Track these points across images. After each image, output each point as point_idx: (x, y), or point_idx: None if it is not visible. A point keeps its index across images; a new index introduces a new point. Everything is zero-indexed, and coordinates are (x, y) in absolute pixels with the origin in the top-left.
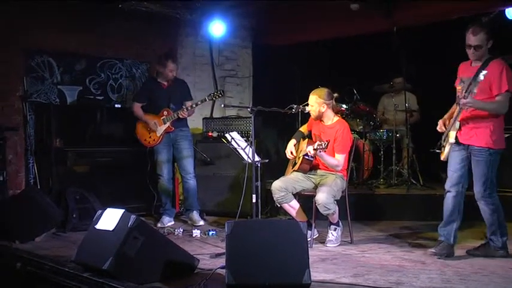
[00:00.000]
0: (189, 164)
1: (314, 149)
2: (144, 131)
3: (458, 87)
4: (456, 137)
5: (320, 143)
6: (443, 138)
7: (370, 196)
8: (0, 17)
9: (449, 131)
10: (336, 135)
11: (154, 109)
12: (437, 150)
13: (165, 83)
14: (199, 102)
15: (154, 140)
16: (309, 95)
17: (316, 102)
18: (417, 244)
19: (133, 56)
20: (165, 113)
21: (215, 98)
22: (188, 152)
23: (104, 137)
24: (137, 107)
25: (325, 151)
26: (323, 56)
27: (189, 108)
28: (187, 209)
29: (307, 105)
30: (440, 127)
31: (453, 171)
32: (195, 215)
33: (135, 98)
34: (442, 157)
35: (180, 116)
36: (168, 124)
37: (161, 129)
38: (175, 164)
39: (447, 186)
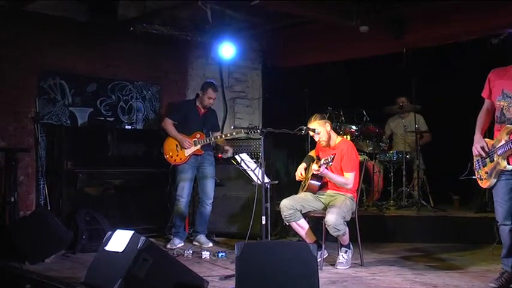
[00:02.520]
0: (211, 189)
1: (319, 166)
2: (173, 148)
3: (502, 103)
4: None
5: (326, 158)
6: (479, 163)
7: (381, 218)
8: (13, 39)
9: (492, 155)
10: (342, 154)
11: (187, 130)
12: (474, 177)
13: (202, 109)
14: (234, 133)
15: (181, 158)
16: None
17: (320, 125)
18: (428, 267)
19: (144, 78)
20: (198, 135)
21: (251, 133)
22: (212, 176)
23: (114, 159)
24: (170, 124)
25: (331, 166)
26: (333, 77)
27: (223, 137)
28: (195, 231)
29: (314, 131)
30: (478, 150)
31: (503, 203)
32: (203, 238)
33: (170, 114)
34: (486, 185)
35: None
36: (198, 147)
37: (191, 150)
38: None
39: (499, 219)
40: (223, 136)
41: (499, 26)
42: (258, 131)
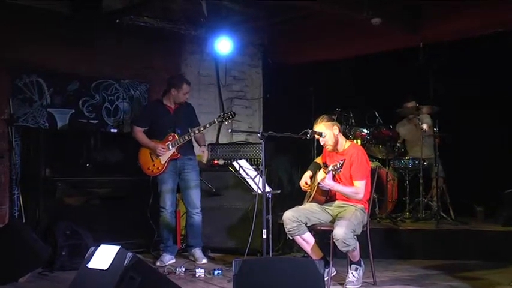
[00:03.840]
0: (196, 198)
1: (326, 173)
2: (147, 158)
3: None
4: None
5: (334, 164)
6: None
7: (395, 231)
8: None
9: None
10: (351, 160)
11: (159, 134)
12: None
13: (172, 107)
14: (207, 125)
15: (158, 168)
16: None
17: (327, 128)
18: (449, 287)
19: (132, 75)
20: (171, 138)
21: (225, 120)
22: (196, 183)
23: (98, 166)
24: (139, 132)
25: (339, 174)
26: (341, 75)
27: (196, 132)
28: (189, 245)
29: (320, 134)
30: None
31: None
32: (198, 252)
33: (136, 121)
34: None
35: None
36: (173, 150)
37: (166, 155)
38: (178, 196)
39: None
40: (196, 131)
41: None
42: (258, 134)
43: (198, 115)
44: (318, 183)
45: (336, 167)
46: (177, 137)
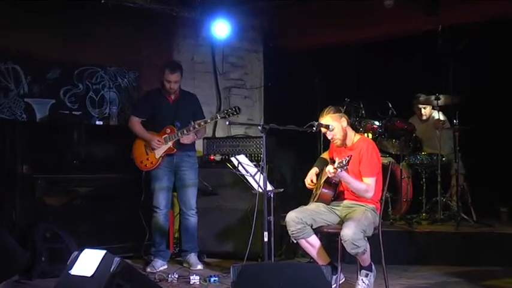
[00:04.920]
0: (192, 198)
1: (334, 168)
2: (142, 151)
3: None
4: None
5: (340, 161)
6: None
7: (410, 234)
8: None
9: None
10: (360, 155)
11: (157, 126)
12: None
13: (172, 97)
14: (208, 120)
15: (152, 162)
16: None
17: (335, 120)
18: None
19: (119, 62)
20: (168, 130)
21: (229, 116)
22: (194, 182)
23: (82, 162)
24: (136, 122)
25: (346, 170)
26: (350, 62)
27: (196, 127)
28: (183, 250)
29: (327, 127)
30: None
31: None
32: (193, 257)
33: (134, 111)
34: None
35: (182, 141)
36: (169, 144)
37: (162, 150)
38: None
39: None
40: (196, 126)
41: None
42: (259, 127)
43: None
44: (325, 181)
45: (341, 164)
46: (175, 130)
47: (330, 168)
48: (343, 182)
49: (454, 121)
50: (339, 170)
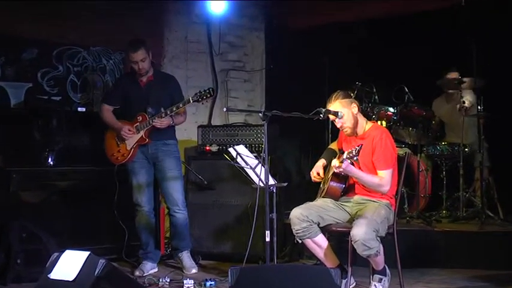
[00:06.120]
0: (176, 191)
1: (341, 162)
2: (112, 143)
3: None
4: None
5: (350, 151)
6: None
7: (429, 234)
8: None
9: None
10: (373, 145)
11: (129, 114)
12: None
13: (144, 79)
14: (180, 105)
15: (123, 155)
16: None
17: (344, 106)
18: None
19: (104, 41)
20: (140, 118)
21: (202, 99)
22: (175, 173)
23: (62, 153)
24: (106, 111)
25: (357, 162)
26: (361, 42)
27: (167, 113)
28: (174, 249)
29: (336, 114)
30: None
31: None
32: (186, 257)
33: (104, 98)
34: None
35: (156, 125)
36: (141, 134)
37: (133, 140)
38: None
39: None
40: (168, 111)
41: None
42: (260, 114)
43: (186, 91)
44: (333, 173)
45: (351, 154)
46: (147, 117)
47: (335, 162)
48: (352, 177)
49: (479, 107)
50: (347, 161)
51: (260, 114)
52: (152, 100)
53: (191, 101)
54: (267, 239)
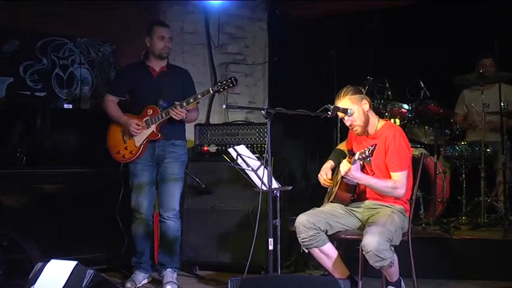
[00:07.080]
0: (172, 196)
1: (352, 163)
2: (119, 139)
3: None
4: None
5: (362, 151)
6: None
7: (447, 242)
8: None
9: None
10: (386, 146)
11: (137, 106)
12: None
13: (157, 69)
14: (199, 96)
15: (131, 152)
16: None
17: (354, 103)
18: None
19: (92, 32)
20: (150, 111)
21: (223, 89)
22: (176, 178)
23: (46, 153)
24: (111, 102)
25: (369, 163)
26: (373, 33)
27: (184, 104)
28: (160, 264)
29: (345, 111)
30: None
31: None
32: (168, 275)
33: (109, 88)
34: None
35: (174, 116)
36: (152, 128)
37: (142, 136)
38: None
39: None
40: (184, 103)
41: None
42: (263, 112)
43: None
44: (342, 177)
45: (364, 155)
46: (158, 110)
47: (345, 165)
48: (364, 185)
49: (502, 104)
50: (358, 162)
51: (263, 111)
52: (164, 92)
53: (211, 92)
54: (270, 247)
